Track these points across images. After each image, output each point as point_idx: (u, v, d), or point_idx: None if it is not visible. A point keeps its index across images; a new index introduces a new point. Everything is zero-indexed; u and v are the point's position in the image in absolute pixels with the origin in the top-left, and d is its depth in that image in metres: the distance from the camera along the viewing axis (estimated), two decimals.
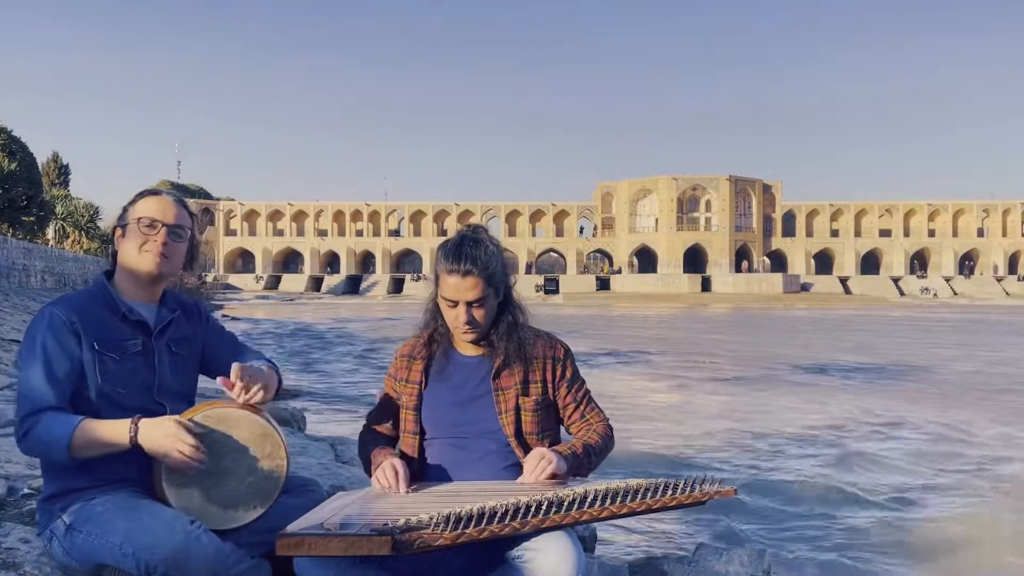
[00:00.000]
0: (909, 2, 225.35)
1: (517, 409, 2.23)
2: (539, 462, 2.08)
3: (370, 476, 2.26)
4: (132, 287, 2.19)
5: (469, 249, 2.18)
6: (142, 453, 1.99)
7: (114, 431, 1.98)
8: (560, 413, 2.34)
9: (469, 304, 2.17)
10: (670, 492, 1.94)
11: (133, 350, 2.13)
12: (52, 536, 2.05)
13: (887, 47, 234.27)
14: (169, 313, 2.24)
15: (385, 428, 2.40)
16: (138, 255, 2.14)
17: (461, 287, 2.16)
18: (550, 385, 2.29)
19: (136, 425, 1.98)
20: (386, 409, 2.41)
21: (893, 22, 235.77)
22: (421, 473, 2.29)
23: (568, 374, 2.31)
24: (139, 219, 2.14)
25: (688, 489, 1.95)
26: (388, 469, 2.16)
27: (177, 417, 2.01)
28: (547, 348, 2.30)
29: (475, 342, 2.26)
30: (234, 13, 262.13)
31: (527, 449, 2.23)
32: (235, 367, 2.08)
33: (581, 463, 2.17)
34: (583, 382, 2.35)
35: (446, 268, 2.18)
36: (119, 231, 2.19)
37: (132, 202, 2.19)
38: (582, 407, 2.32)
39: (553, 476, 2.09)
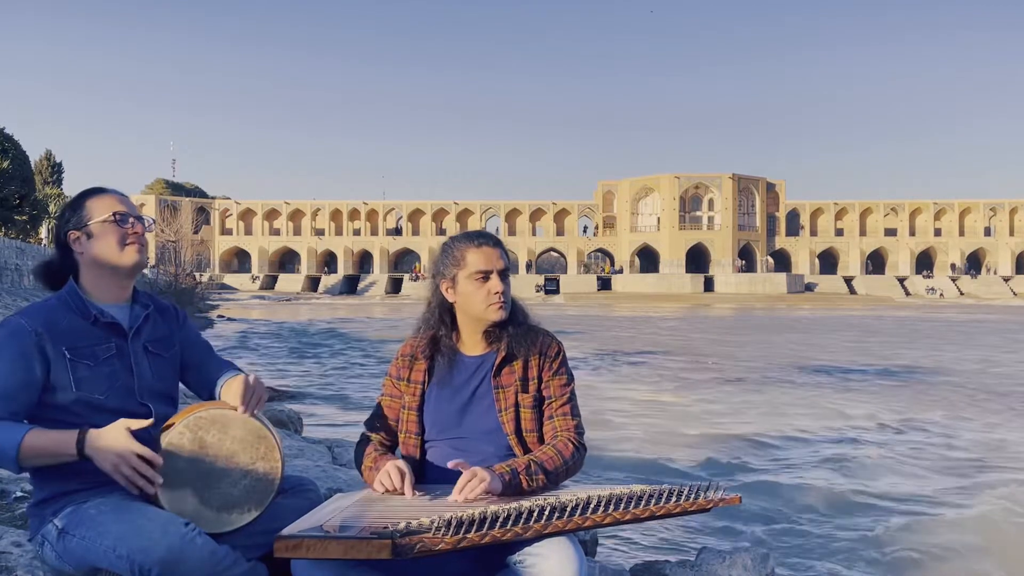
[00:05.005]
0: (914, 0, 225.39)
1: (516, 406, 2.22)
2: (471, 480, 1.99)
3: (370, 484, 2.18)
4: (103, 288, 2.14)
5: (485, 232, 2.33)
6: None
7: (60, 443, 1.90)
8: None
9: (500, 273, 2.23)
10: (674, 499, 1.91)
11: (107, 354, 2.08)
12: (44, 541, 2.01)
13: (892, 44, 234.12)
14: (142, 310, 2.20)
15: (383, 435, 2.34)
16: (120, 251, 2.12)
17: (493, 256, 2.25)
18: (542, 381, 2.27)
19: (83, 436, 1.90)
20: (385, 414, 2.35)
21: (898, 20, 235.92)
22: (422, 475, 2.26)
23: (555, 369, 2.28)
24: (114, 214, 2.12)
25: (692, 496, 1.91)
26: (393, 470, 2.09)
27: (127, 422, 1.92)
28: (544, 345, 2.29)
29: (503, 323, 2.24)
30: (230, 11, 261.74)
31: (526, 448, 2.21)
32: (243, 382, 2.10)
33: (519, 483, 2.06)
34: (568, 382, 2.30)
35: (474, 243, 2.26)
36: (78, 234, 2.12)
37: (80, 204, 2.14)
38: (555, 406, 2.26)
39: (488, 495, 1.99)
